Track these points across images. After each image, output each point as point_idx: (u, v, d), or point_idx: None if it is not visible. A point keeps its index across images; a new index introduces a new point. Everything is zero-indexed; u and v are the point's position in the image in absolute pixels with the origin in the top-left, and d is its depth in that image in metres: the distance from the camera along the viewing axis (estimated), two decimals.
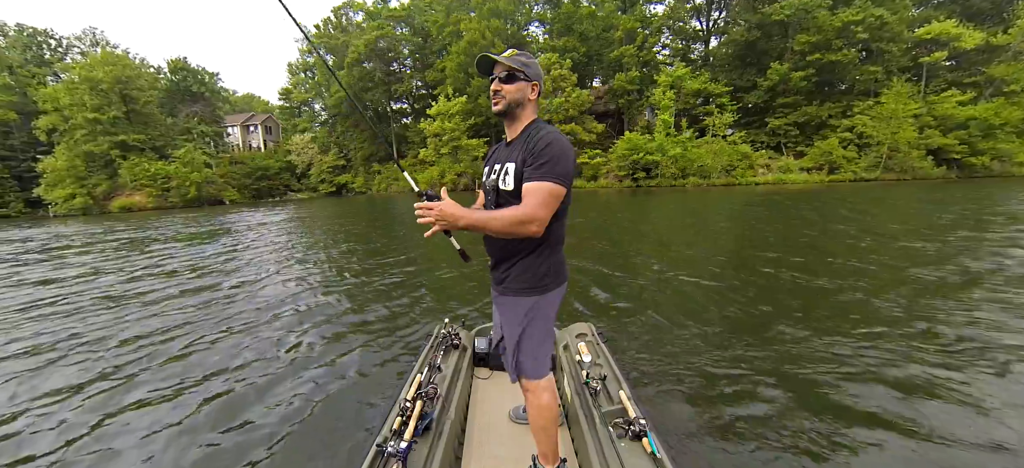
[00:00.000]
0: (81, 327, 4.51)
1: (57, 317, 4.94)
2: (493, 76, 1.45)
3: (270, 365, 3.37)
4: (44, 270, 8.09)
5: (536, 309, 1.50)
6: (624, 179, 27.88)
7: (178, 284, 6.32)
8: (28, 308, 5.41)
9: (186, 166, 33.75)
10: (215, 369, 3.33)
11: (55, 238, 14.21)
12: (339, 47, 41.20)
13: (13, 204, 35.99)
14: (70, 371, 3.48)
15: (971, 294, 4.29)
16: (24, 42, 39.81)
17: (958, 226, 8.14)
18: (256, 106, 62.72)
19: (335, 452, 2.30)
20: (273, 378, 3.14)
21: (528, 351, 1.53)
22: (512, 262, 1.50)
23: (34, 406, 2.95)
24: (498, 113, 1.48)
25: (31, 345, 4.08)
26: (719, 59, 31.34)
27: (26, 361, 3.71)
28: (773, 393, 2.68)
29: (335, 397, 2.84)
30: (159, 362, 3.56)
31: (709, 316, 4.08)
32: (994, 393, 2.56)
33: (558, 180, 1.32)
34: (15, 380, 3.35)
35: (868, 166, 25.03)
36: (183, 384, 3.11)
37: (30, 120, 35.92)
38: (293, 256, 8.36)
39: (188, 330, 4.26)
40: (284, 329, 4.16)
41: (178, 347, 3.83)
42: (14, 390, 3.19)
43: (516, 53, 1.44)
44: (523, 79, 1.43)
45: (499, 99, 1.44)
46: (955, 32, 23.81)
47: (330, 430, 2.49)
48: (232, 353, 3.63)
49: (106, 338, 4.16)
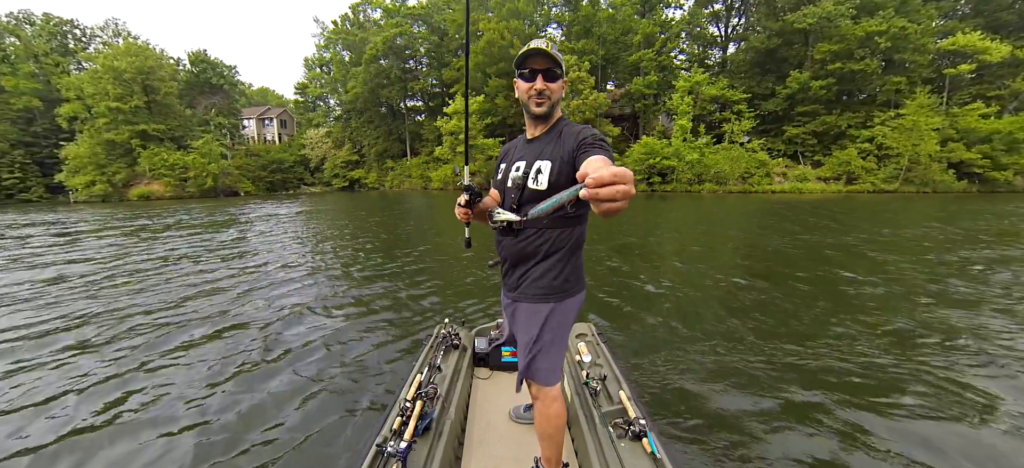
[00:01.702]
0: (50, 315, 4.53)
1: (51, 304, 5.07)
2: (534, 73, 1.34)
3: (269, 364, 3.33)
4: (65, 250, 8.31)
5: (554, 315, 1.41)
6: (640, 183, 27.80)
7: (176, 276, 6.29)
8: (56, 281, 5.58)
9: (204, 157, 34.16)
10: (215, 367, 3.29)
11: (81, 221, 14.51)
12: (357, 43, 41.52)
13: (34, 189, 36.61)
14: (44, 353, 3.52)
15: (980, 312, 4.23)
16: (49, 31, 40.49)
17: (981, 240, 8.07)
18: (271, 99, 63.32)
19: (335, 452, 2.28)
20: (272, 378, 3.11)
21: (543, 357, 1.44)
22: (529, 265, 1.41)
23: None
24: (541, 116, 1.38)
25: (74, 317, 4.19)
26: (737, 65, 31.19)
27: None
28: (773, 394, 2.71)
29: (335, 397, 2.82)
30: (160, 352, 3.55)
31: (711, 319, 4.08)
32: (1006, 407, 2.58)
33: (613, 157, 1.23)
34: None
35: (887, 177, 24.77)
36: (183, 382, 3.07)
37: (53, 108, 36.58)
38: (300, 251, 8.39)
39: (189, 324, 4.22)
40: (284, 327, 4.12)
41: (179, 342, 3.80)
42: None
43: (551, 44, 1.35)
44: (562, 75, 1.36)
45: (545, 100, 1.35)
46: (981, 45, 23.52)
47: (330, 430, 2.48)
48: (232, 350, 3.60)
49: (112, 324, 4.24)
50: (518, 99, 1.44)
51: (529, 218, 1.10)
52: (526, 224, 1.38)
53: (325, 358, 3.42)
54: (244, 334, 3.95)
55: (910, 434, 2.32)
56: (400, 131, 42.49)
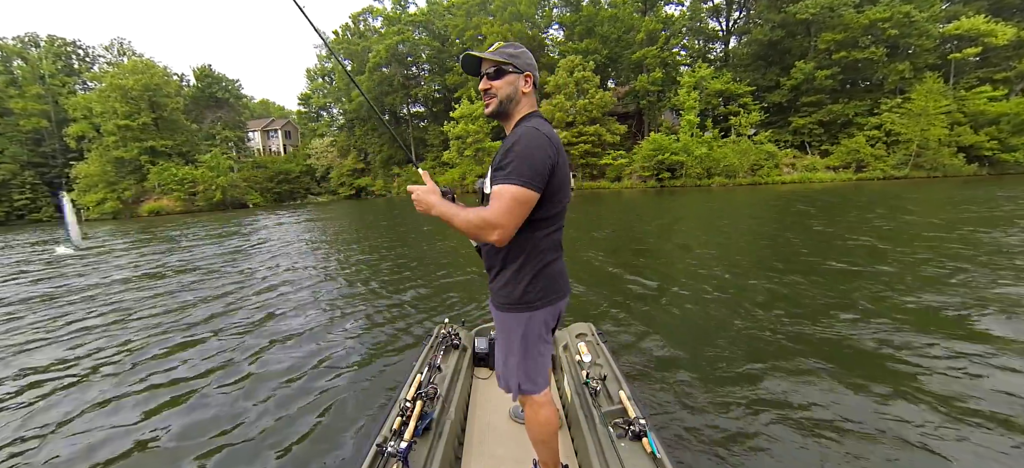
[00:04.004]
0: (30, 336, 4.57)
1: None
2: (481, 74, 1.29)
3: (270, 364, 3.37)
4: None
5: (521, 327, 1.34)
6: (648, 179, 27.90)
7: (188, 284, 6.42)
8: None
9: (212, 170, 34.40)
10: (215, 368, 3.31)
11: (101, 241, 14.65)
12: (358, 52, 41.75)
13: (45, 209, 36.90)
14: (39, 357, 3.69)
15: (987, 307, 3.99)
16: (55, 52, 40.85)
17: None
18: (272, 111, 63.59)
19: (335, 451, 2.28)
20: (273, 378, 3.13)
21: (517, 370, 1.39)
22: (496, 272, 1.37)
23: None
24: (491, 115, 1.32)
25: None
26: (740, 59, 31.27)
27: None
28: (773, 394, 2.67)
29: (335, 397, 2.83)
30: (161, 352, 3.62)
31: (711, 318, 4.05)
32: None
33: (524, 183, 1.14)
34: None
35: (897, 164, 24.80)
36: (183, 381, 3.14)
37: (61, 128, 36.88)
38: (305, 256, 8.48)
39: (192, 325, 4.29)
40: (284, 327, 4.15)
41: (179, 342, 3.85)
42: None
43: (502, 44, 1.30)
44: (513, 71, 1.27)
45: (490, 99, 1.29)
46: (986, 28, 23.56)
47: (330, 429, 2.48)
48: (233, 352, 3.62)
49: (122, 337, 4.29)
50: None
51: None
52: None
53: (325, 358, 3.43)
54: (245, 334, 3.98)
55: (912, 436, 2.26)
56: (404, 137, 42.64)
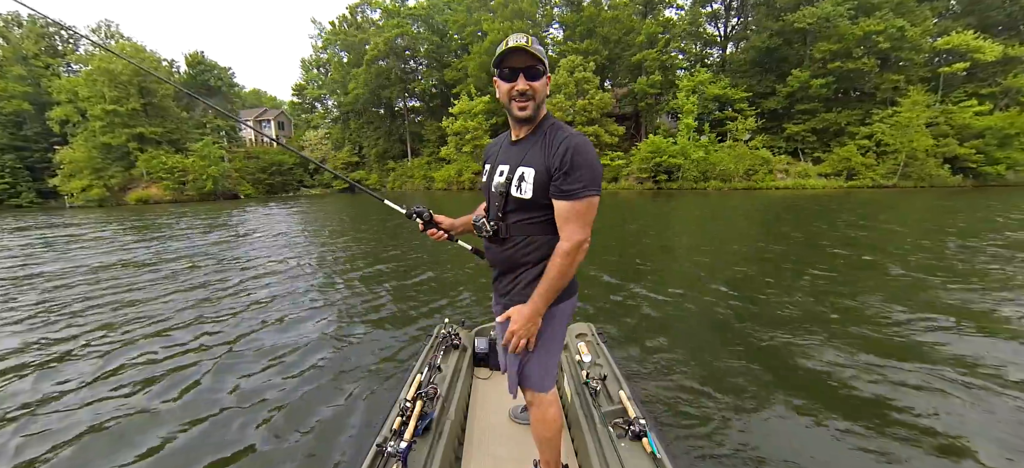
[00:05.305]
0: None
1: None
2: (515, 72, 1.22)
3: (270, 364, 3.33)
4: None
5: (567, 316, 1.38)
6: (646, 181, 28.18)
7: (176, 277, 6.29)
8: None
9: (203, 159, 33.65)
10: (216, 368, 3.28)
11: (94, 225, 14.27)
12: (355, 44, 41.27)
13: (25, 194, 35.66)
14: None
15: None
16: (37, 33, 39.49)
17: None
18: (264, 102, 62.45)
19: (335, 452, 2.28)
20: (273, 378, 3.10)
21: (536, 361, 1.38)
22: (519, 272, 1.35)
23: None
24: (525, 119, 1.26)
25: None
26: (737, 64, 31.75)
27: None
28: (773, 394, 2.70)
29: (335, 397, 2.82)
30: (159, 352, 3.57)
31: (712, 318, 4.08)
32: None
33: (597, 191, 1.19)
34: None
35: (886, 173, 25.47)
36: (183, 382, 3.09)
37: (43, 111, 35.67)
38: (298, 253, 8.36)
39: (189, 323, 4.23)
40: (284, 327, 4.11)
41: (179, 337, 3.81)
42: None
43: (533, 39, 1.21)
44: (544, 71, 1.23)
45: (527, 101, 1.23)
46: (975, 45, 24.32)
47: (330, 430, 2.48)
48: (232, 352, 3.59)
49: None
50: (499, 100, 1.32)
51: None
52: (510, 233, 1.33)
53: (325, 358, 3.40)
54: (244, 335, 3.92)
55: (914, 435, 2.27)
56: (400, 131, 42.33)
